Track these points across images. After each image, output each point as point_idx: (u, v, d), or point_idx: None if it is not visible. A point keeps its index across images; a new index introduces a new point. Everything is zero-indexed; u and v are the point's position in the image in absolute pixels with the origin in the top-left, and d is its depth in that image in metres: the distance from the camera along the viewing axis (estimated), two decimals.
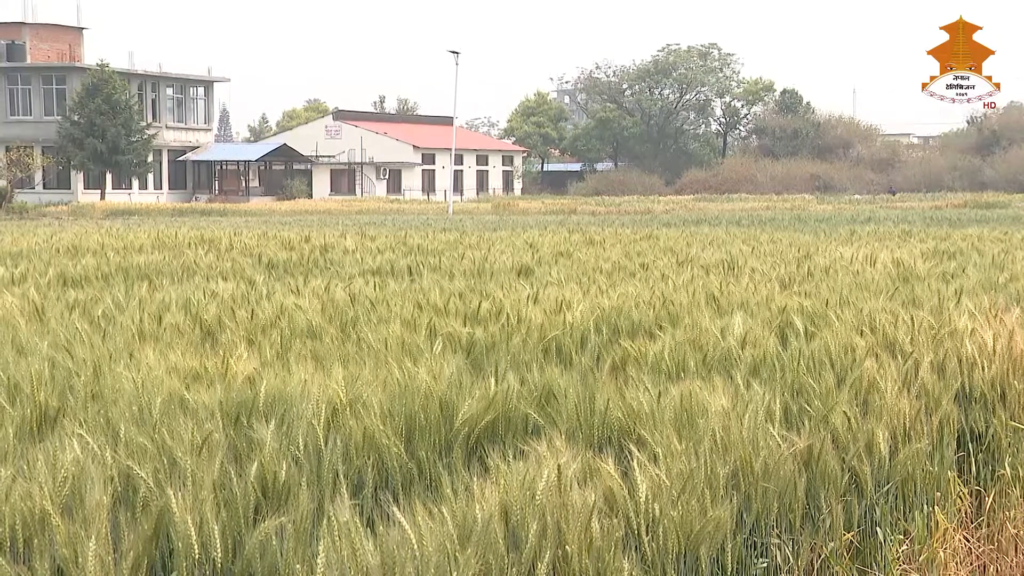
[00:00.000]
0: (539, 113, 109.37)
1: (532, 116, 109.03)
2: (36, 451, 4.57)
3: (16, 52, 75.49)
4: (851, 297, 8.88)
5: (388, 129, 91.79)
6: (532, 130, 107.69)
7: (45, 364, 5.95)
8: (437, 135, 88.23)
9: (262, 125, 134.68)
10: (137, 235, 21.28)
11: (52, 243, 18.43)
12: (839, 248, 16.14)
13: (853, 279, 10.95)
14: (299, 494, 4.24)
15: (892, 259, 13.31)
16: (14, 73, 75.34)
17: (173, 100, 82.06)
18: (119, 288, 10.68)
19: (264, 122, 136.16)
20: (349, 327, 7.79)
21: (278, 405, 5.27)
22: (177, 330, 7.79)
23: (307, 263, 14.34)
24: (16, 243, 18.59)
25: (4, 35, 76.11)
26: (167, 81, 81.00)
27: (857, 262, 13.21)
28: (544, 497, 3.97)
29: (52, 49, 76.34)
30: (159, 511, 4.08)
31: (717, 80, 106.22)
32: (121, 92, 70.18)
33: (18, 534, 3.99)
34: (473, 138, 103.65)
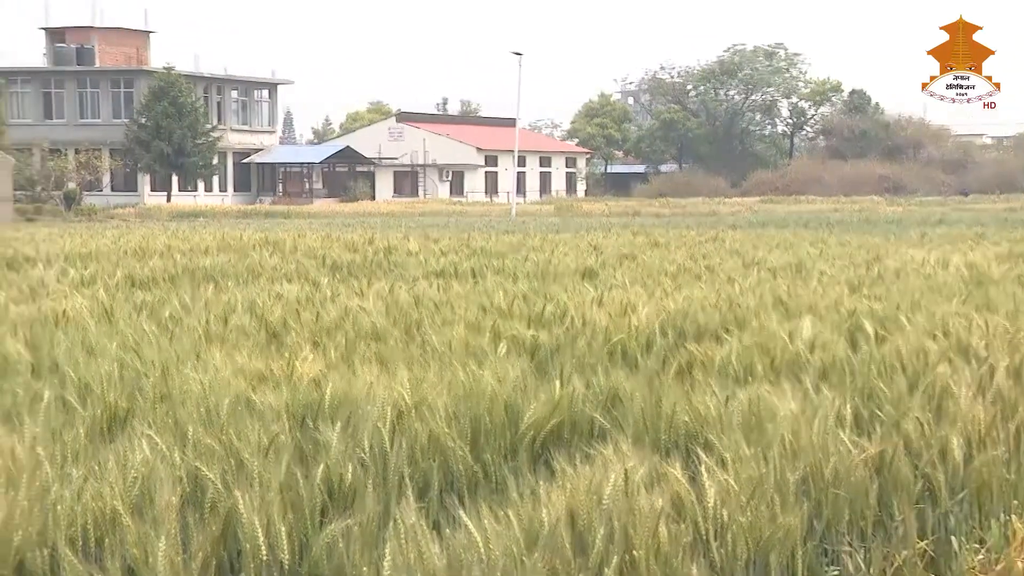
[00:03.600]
0: (603, 114, 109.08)
1: (595, 117, 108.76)
2: (107, 451, 4.61)
3: (85, 56, 76.53)
4: (923, 301, 8.74)
5: (451, 131, 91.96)
6: (595, 131, 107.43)
7: (115, 365, 6.02)
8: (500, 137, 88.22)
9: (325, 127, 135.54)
10: (203, 237, 21.49)
11: (120, 245, 18.65)
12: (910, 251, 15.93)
13: (924, 282, 10.79)
14: (365, 496, 4.24)
15: (965, 262, 13.10)
16: (83, 77, 76.39)
17: (238, 103, 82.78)
18: (186, 290, 10.79)
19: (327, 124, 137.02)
20: (413, 329, 7.80)
21: (343, 407, 5.28)
22: (243, 332, 7.84)
23: (371, 265, 14.40)
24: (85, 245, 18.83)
25: (74, 39, 77.19)
26: (232, 84, 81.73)
27: (929, 265, 13.02)
28: (611, 501, 3.93)
29: (120, 53, 77.29)
30: (227, 512, 4.10)
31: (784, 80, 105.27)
32: (187, 95, 70.89)
33: (90, 533, 4.02)
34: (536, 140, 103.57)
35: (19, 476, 4.20)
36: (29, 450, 4.41)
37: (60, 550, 3.79)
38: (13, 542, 3.82)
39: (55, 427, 4.94)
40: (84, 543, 4.01)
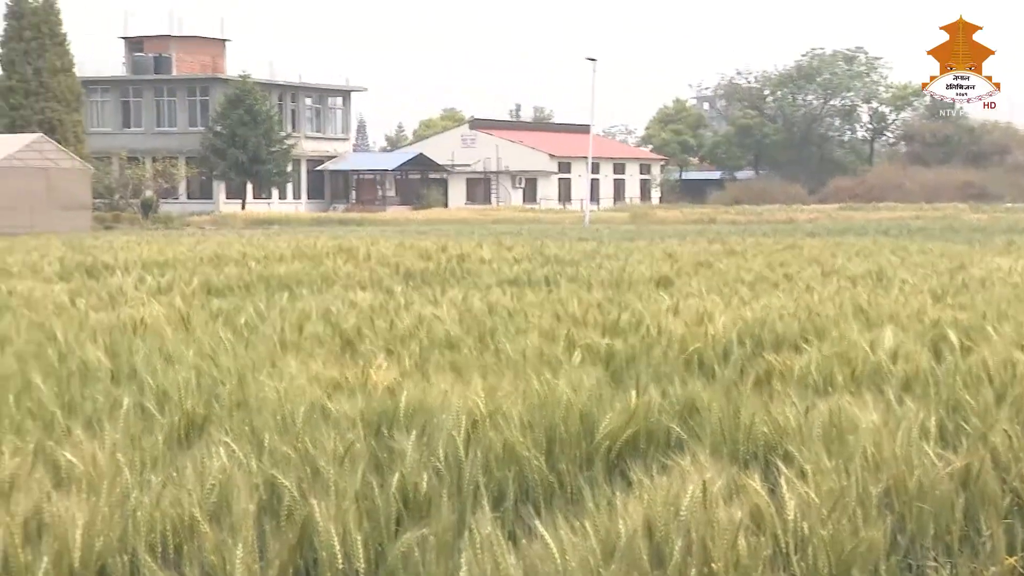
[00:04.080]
0: (678, 120, 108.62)
1: (670, 123, 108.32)
2: (185, 458, 4.65)
3: (163, 65, 77.71)
4: (1010, 311, 8.56)
5: (524, 137, 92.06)
6: (670, 138, 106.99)
7: (192, 372, 6.07)
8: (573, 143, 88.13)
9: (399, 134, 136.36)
10: (277, 245, 21.68)
11: (196, 253, 18.87)
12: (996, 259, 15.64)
13: (1011, 292, 10.57)
14: (440, 506, 4.22)
15: None
16: (160, 85, 77.56)
17: (312, 110, 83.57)
18: (261, 297, 10.87)
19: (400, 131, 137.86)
20: (487, 337, 7.79)
21: (418, 416, 5.28)
22: (318, 340, 7.88)
23: (444, 273, 14.42)
24: (162, 252, 19.07)
25: (152, 48, 78.40)
26: (306, 91, 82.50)
27: (1016, 273, 12.77)
28: (689, 513, 3.87)
29: (196, 61, 78.38)
30: (303, 520, 4.10)
31: (864, 85, 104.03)
32: (262, 103, 71.67)
33: (169, 540, 4.05)
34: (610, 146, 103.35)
35: (100, 482, 4.25)
36: (109, 456, 4.45)
37: (140, 556, 3.82)
38: (95, 547, 3.85)
39: (134, 433, 4.99)
40: (163, 549, 4.03)
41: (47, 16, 61.71)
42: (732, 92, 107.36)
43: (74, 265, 15.72)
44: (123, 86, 78.35)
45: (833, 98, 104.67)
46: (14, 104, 60.87)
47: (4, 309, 9.90)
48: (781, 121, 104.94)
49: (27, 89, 60.81)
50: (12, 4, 61.51)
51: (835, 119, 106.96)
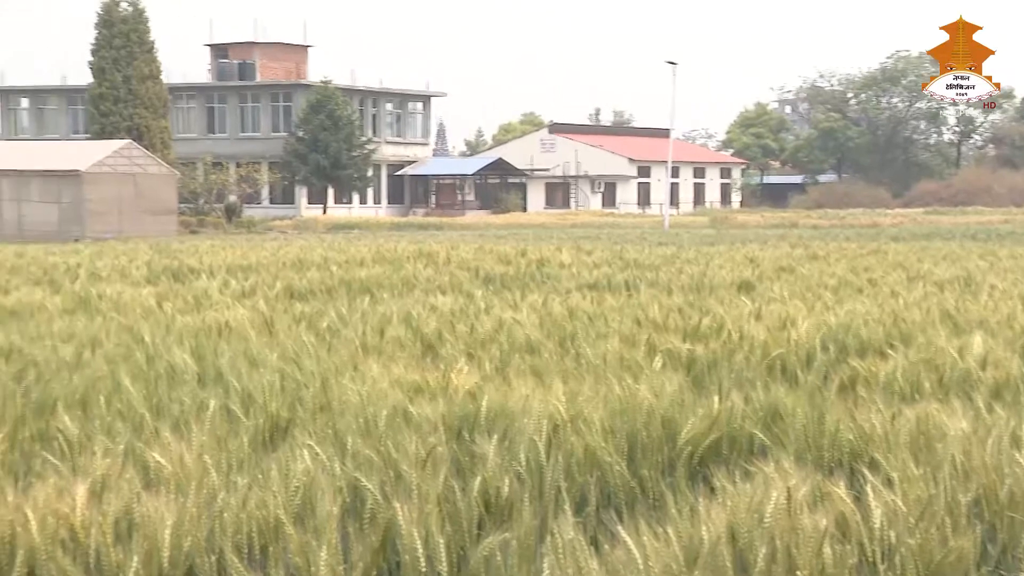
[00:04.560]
0: (759, 124, 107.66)
1: (751, 127, 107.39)
2: (269, 460, 4.70)
3: (247, 71, 78.71)
4: None
5: (603, 142, 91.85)
6: (751, 141, 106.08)
7: (276, 375, 6.13)
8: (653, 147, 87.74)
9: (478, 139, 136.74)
10: (358, 249, 21.84)
11: (278, 257, 19.07)
12: None
13: None
14: (522, 510, 4.22)
15: None
16: (244, 92, 78.54)
17: (392, 115, 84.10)
18: (342, 301, 10.96)
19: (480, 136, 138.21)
20: (567, 342, 7.78)
21: (499, 420, 5.29)
22: (399, 343, 7.92)
23: (523, 277, 14.43)
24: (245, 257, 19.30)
25: (236, 55, 79.44)
26: (387, 96, 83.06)
27: None
28: (773, 520, 3.84)
29: (280, 67, 79.27)
30: (386, 523, 4.13)
31: None
32: (343, 108, 72.27)
33: (254, 541, 4.10)
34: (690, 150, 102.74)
35: (188, 483, 4.31)
36: (197, 458, 4.52)
37: (227, 556, 3.87)
38: (183, 547, 3.91)
39: (220, 436, 5.05)
40: (249, 550, 4.08)
41: (136, 24, 62.80)
42: (815, 95, 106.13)
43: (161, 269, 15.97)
44: (208, 92, 79.46)
45: (919, 100, 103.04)
46: (104, 111, 62.04)
47: (95, 312, 10.09)
48: (865, 124, 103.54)
49: (116, 96, 61.94)
50: (103, 13, 62.69)
51: (920, 122, 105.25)
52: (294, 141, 72.10)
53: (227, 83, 78.61)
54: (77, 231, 46.43)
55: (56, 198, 49.94)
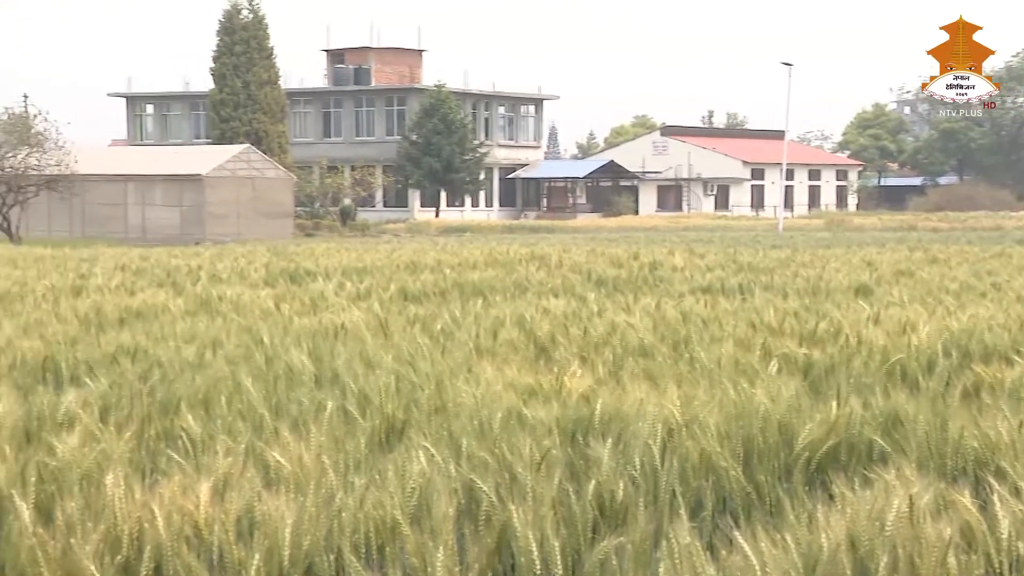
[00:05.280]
0: (876, 125, 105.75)
1: (869, 128, 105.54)
2: (385, 461, 4.75)
3: (362, 76, 79.73)
4: None
5: (716, 144, 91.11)
6: (868, 143, 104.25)
7: (391, 377, 6.19)
8: (767, 150, 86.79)
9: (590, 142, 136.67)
10: (470, 251, 21.96)
11: (392, 259, 19.25)
12: None
13: None
14: (637, 514, 4.21)
15: None
16: (360, 96, 79.57)
17: (504, 118, 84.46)
18: (456, 304, 11.02)
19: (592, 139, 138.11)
20: (681, 346, 7.74)
21: (613, 423, 5.28)
22: (512, 346, 7.95)
23: (636, 280, 14.37)
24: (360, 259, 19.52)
25: (352, 60, 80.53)
26: (499, 100, 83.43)
27: None
28: (895, 528, 3.77)
29: (394, 72, 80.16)
30: (501, 525, 4.14)
31: None
32: (456, 112, 72.82)
33: (372, 541, 4.14)
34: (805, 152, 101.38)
35: (307, 483, 4.38)
36: (315, 458, 4.59)
37: (345, 556, 3.92)
38: (303, 546, 3.97)
39: (338, 436, 5.12)
40: (366, 550, 4.13)
41: (256, 31, 64.04)
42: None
43: (278, 271, 16.23)
44: (324, 97, 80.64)
45: None
46: (224, 116, 63.36)
47: (215, 314, 10.29)
48: (988, 124, 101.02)
49: (236, 101, 63.21)
50: (224, 21, 64.07)
51: None
52: (407, 145, 72.81)
53: (343, 88, 79.71)
54: (198, 234, 47.48)
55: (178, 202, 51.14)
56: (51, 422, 5.44)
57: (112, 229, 48.88)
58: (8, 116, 44.54)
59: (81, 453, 4.65)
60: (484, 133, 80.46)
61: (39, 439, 5.10)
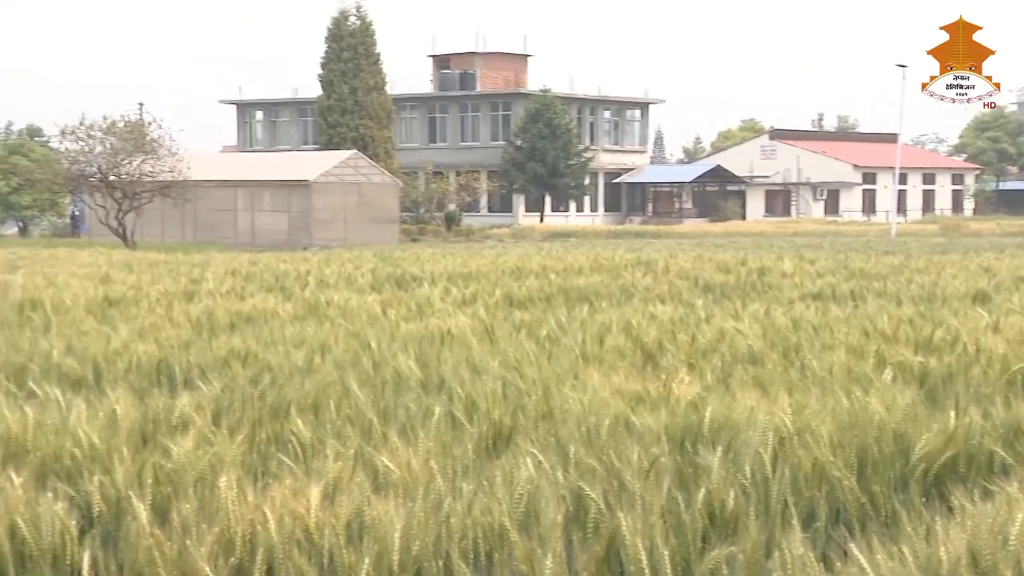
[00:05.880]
0: (995, 127, 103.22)
1: (987, 131, 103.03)
2: (493, 467, 4.75)
3: (468, 81, 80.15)
4: None
5: (826, 148, 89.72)
6: (986, 146, 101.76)
7: (498, 383, 6.19)
8: (879, 153, 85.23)
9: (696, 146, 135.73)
10: (576, 257, 21.91)
11: (497, 265, 19.28)
12: None
13: None
14: (748, 524, 4.15)
15: None
16: (465, 101, 80.00)
17: (610, 123, 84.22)
18: (561, 310, 10.99)
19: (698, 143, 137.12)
20: (791, 353, 7.63)
21: (723, 431, 5.21)
22: (619, 352, 7.90)
23: (744, 286, 14.21)
24: (465, 265, 19.59)
25: (457, 65, 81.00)
26: (605, 104, 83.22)
27: None
28: (1019, 543, 3.66)
29: (500, 77, 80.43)
30: (610, 533, 4.11)
31: None
32: (561, 116, 72.80)
33: (480, 547, 4.14)
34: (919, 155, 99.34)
35: (415, 488, 4.40)
36: (423, 463, 4.60)
37: (454, 562, 3.93)
38: (412, 551, 3.98)
39: (445, 442, 5.13)
40: (475, 556, 4.13)
41: (363, 38, 64.78)
42: None
43: (385, 276, 16.36)
44: (430, 102, 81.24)
45: None
46: (331, 122, 64.18)
47: (323, 318, 10.41)
48: None
49: (343, 107, 63.99)
50: (332, 28, 64.90)
51: None
52: (512, 150, 72.98)
53: (448, 93, 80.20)
54: (305, 239, 48.14)
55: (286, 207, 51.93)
56: (166, 425, 5.53)
57: (222, 234, 49.80)
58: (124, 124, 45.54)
59: (195, 456, 4.72)
60: (589, 138, 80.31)
61: (155, 441, 5.20)
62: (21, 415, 5.33)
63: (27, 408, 5.46)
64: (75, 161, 45.04)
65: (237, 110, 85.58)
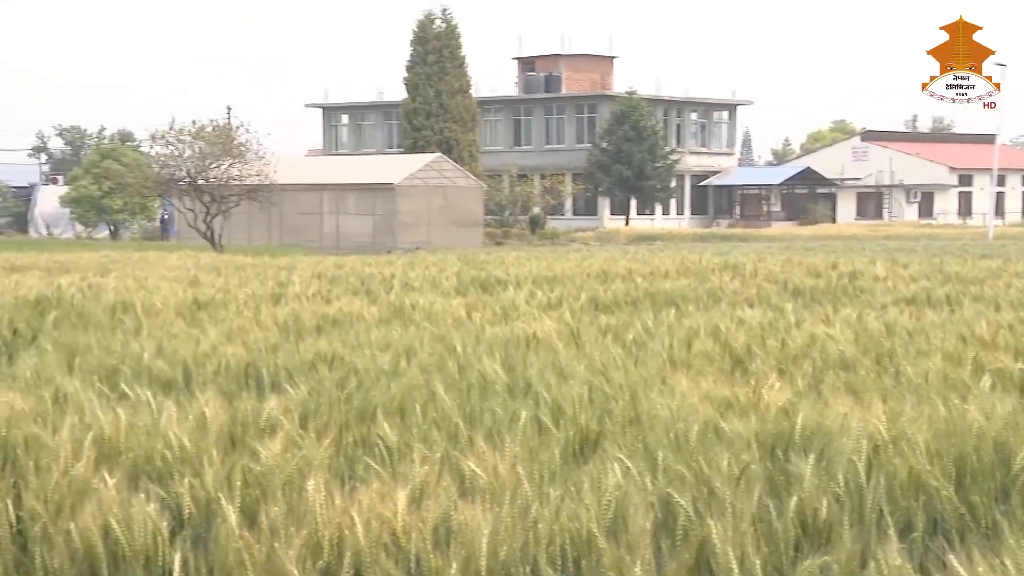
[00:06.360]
0: None
1: None
2: (580, 473, 4.71)
3: (553, 83, 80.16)
4: None
5: (920, 149, 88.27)
6: None
7: (584, 388, 6.14)
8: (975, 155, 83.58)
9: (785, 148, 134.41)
10: (662, 260, 21.75)
11: (582, 268, 19.20)
12: None
13: None
14: (842, 533, 4.07)
15: None
16: (550, 104, 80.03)
17: (697, 125, 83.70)
18: (647, 314, 10.89)
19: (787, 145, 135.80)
20: (885, 359, 7.48)
21: (815, 439, 5.12)
22: (707, 357, 7.81)
23: (835, 290, 13.99)
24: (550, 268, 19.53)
25: (543, 67, 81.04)
26: (691, 106, 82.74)
27: None
28: None
29: (585, 79, 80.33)
30: (700, 541, 4.06)
31: None
32: (647, 118, 72.52)
33: (567, 553, 4.11)
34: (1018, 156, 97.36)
35: (502, 493, 4.37)
36: (510, 468, 4.57)
37: (541, 568, 3.89)
38: (499, 556, 3.96)
39: (532, 447, 5.10)
40: (562, 562, 4.09)
41: (448, 40, 65.11)
42: None
43: (469, 280, 16.37)
44: (515, 105, 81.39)
45: None
46: (416, 125, 64.57)
47: (408, 322, 10.42)
48: None
49: (428, 111, 64.34)
50: (418, 31, 65.31)
51: None
52: (598, 152, 72.84)
53: (533, 95, 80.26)
54: (389, 242, 48.48)
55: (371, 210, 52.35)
56: (254, 427, 5.56)
57: (307, 237, 50.33)
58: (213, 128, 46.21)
59: (283, 459, 4.74)
60: (676, 140, 79.89)
61: (243, 444, 5.23)
62: (114, 416, 5.39)
63: (119, 410, 5.52)
64: (165, 165, 45.80)
65: (323, 114, 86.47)
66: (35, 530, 4.40)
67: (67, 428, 5.11)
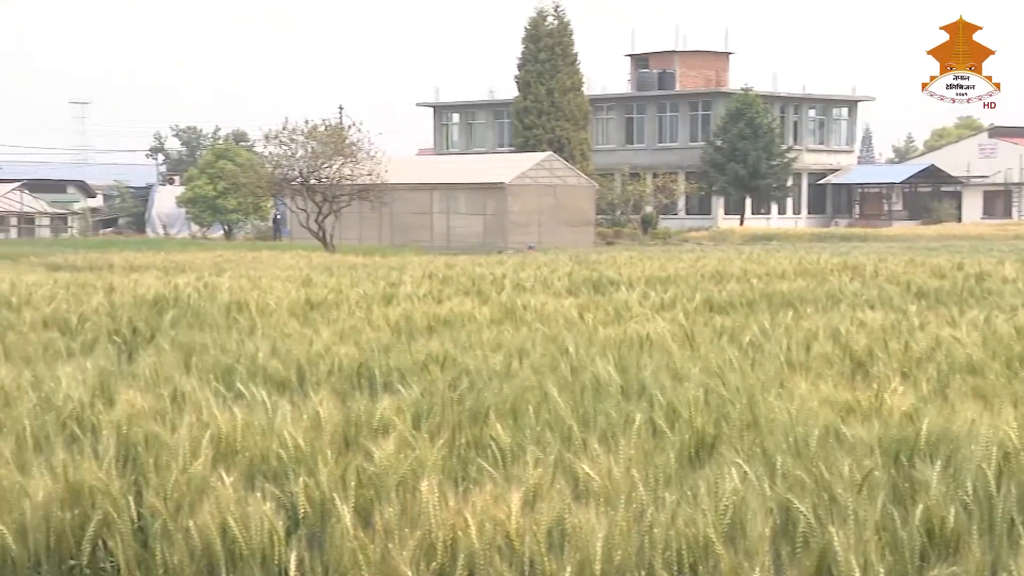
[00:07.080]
0: None
1: None
2: (696, 477, 4.63)
3: (666, 80, 79.53)
4: None
5: None
6: None
7: (699, 390, 6.05)
8: None
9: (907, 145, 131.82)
10: (778, 261, 21.45)
11: (696, 268, 19.02)
12: None
13: None
14: (971, 543, 3.94)
15: None
16: (663, 101, 79.39)
17: (815, 122, 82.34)
18: (764, 315, 10.72)
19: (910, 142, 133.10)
20: (1015, 363, 7.26)
21: (941, 445, 4.98)
22: (826, 360, 7.66)
23: (961, 292, 13.62)
24: (663, 268, 19.38)
25: (656, 64, 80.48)
26: (810, 103, 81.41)
27: None
28: None
29: (699, 76, 79.54)
30: (821, 548, 3.97)
31: None
32: (763, 115, 71.57)
33: (684, 559, 4.04)
34: None
35: (616, 496, 4.31)
36: (624, 471, 4.51)
37: (657, 572, 3.83)
38: (614, 560, 3.92)
39: (647, 450, 5.03)
40: (678, 568, 4.03)
41: (561, 38, 65.04)
42: None
43: (581, 280, 16.30)
44: (627, 103, 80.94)
45: None
46: (527, 124, 64.61)
47: (520, 322, 10.40)
48: None
49: (540, 109, 64.34)
50: (530, 28, 65.36)
51: None
52: (712, 150, 72.12)
53: (646, 93, 79.74)
54: (499, 242, 48.61)
55: (481, 210, 52.56)
56: (367, 428, 5.58)
57: (418, 237, 50.71)
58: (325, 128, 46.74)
59: (397, 459, 4.74)
60: (793, 137, 78.70)
61: (357, 444, 5.24)
62: (230, 415, 5.44)
63: (235, 409, 5.57)
64: (278, 165, 46.40)
65: (434, 113, 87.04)
66: (155, 527, 4.46)
67: (185, 426, 5.17)
